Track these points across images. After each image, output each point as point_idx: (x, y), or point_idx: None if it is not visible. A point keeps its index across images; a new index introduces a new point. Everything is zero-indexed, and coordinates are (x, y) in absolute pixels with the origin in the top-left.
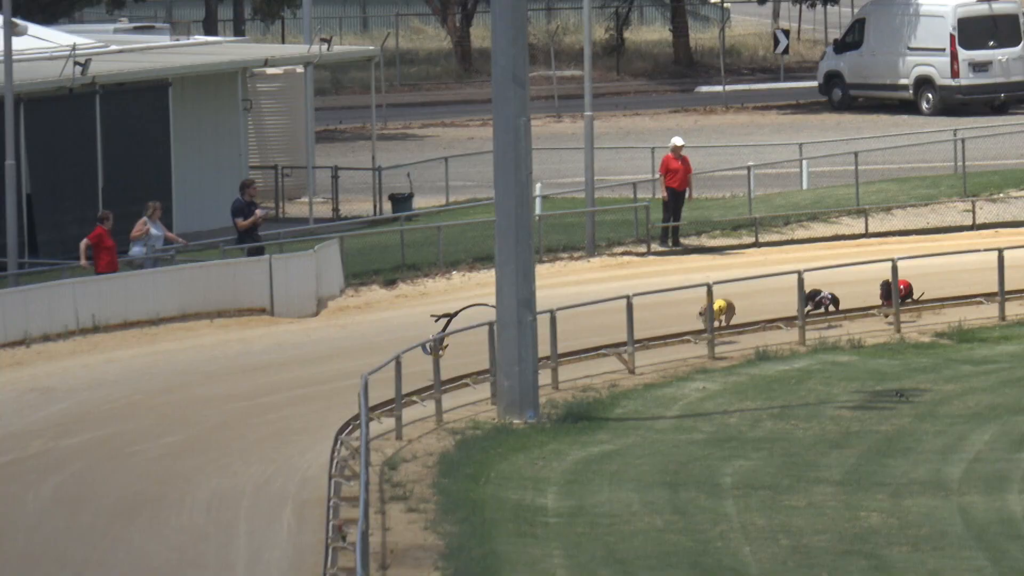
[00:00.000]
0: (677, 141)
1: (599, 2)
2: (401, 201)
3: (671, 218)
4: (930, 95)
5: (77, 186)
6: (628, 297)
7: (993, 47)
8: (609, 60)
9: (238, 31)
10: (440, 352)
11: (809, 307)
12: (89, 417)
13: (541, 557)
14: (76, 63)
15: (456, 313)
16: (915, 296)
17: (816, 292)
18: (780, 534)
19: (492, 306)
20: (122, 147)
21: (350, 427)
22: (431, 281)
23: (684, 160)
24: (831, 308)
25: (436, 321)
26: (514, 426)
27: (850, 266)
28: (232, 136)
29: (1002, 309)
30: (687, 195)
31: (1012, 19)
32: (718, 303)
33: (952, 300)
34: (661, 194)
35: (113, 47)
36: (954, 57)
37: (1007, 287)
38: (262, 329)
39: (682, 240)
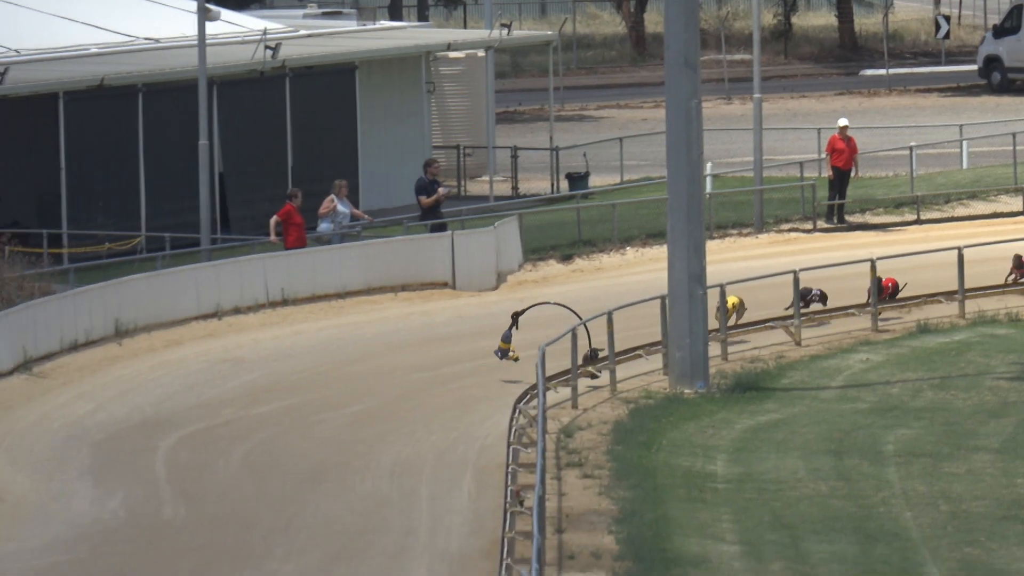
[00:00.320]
0: (843, 122)
1: None
2: (577, 180)
3: (836, 196)
4: None
5: (267, 165)
6: (795, 272)
7: None
8: (777, 45)
9: (422, 16)
10: (512, 355)
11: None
12: (278, 387)
13: (710, 521)
14: (267, 47)
15: (524, 311)
16: None
17: (807, 290)
18: (940, 500)
19: (563, 305)
20: (310, 128)
21: (527, 396)
22: (606, 256)
23: (849, 140)
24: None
25: (514, 319)
26: (685, 395)
27: (1009, 242)
28: (416, 117)
29: None
30: (852, 174)
31: None
32: (731, 300)
33: None
34: (827, 173)
35: (302, 32)
36: None
37: None
38: (444, 302)
39: (847, 217)
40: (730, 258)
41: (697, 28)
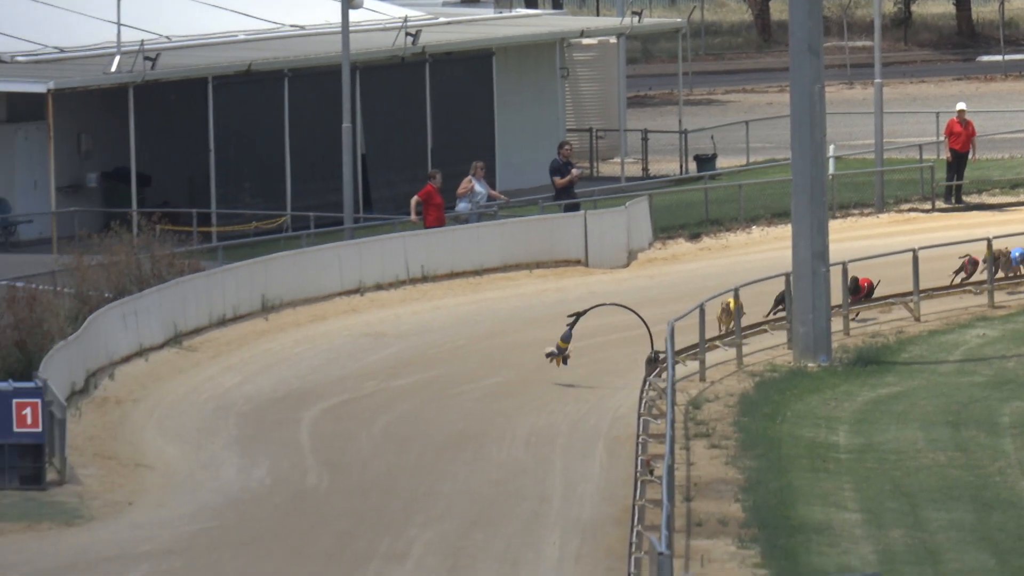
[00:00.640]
0: (961, 106)
1: None
2: (705, 161)
3: (954, 177)
4: None
5: (407, 147)
6: (914, 250)
7: None
8: (897, 32)
9: (556, 4)
10: (565, 357)
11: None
12: (418, 360)
13: (833, 490)
14: (408, 34)
15: (584, 312)
16: None
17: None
18: None
19: (624, 306)
20: (449, 111)
21: (656, 368)
22: (732, 235)
23: (967, 124)
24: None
25: (570, 321)
26: (808, 369)
27: None
28: (550, 101)
29: None
30: (970, 156)
31: None
32: (729, 301)
33: None
34: (945, 155)
35: (441, 19)
36: None
37: None
38: (577, 279)
39: (964, 198)
40: (851, 237)
41: (820, 16)
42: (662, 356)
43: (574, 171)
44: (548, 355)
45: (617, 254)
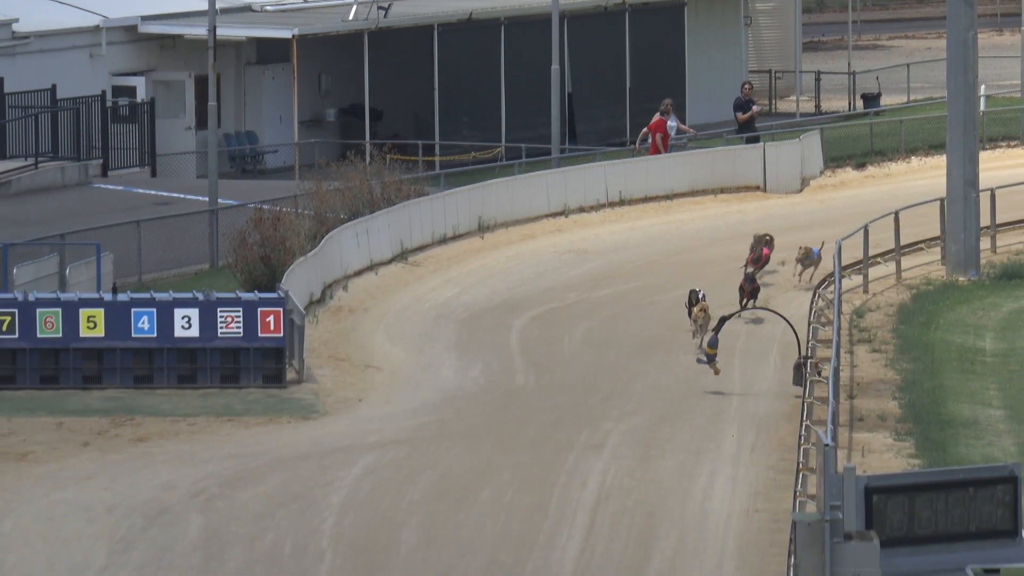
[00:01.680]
0: None
1: None
2: (871, 99)
3: None
4: None
5: (608, 86)
6: None
7: None
8: None
9: None
10: (715, 364)
11: None
12: (615, 274)
13: (979, 390)
14: None
15: (731, 316)
16: None
17: None
18: None
19: (772, 311)
20: (645, 55)
21: (826, 283)
22: (894, 164)
23: None
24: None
25: (720, 323)
26: (959, 283)
27: None
28: (735, 46)
29: None
30: None
31: None
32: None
33: None
34: None
35: None
36: None
37: None
38: (756, 203)
39: None
40: (1000, 166)
41: None
42: (811, 361)
43: (755, 107)
44: (699, 361)
45: (792, 181)
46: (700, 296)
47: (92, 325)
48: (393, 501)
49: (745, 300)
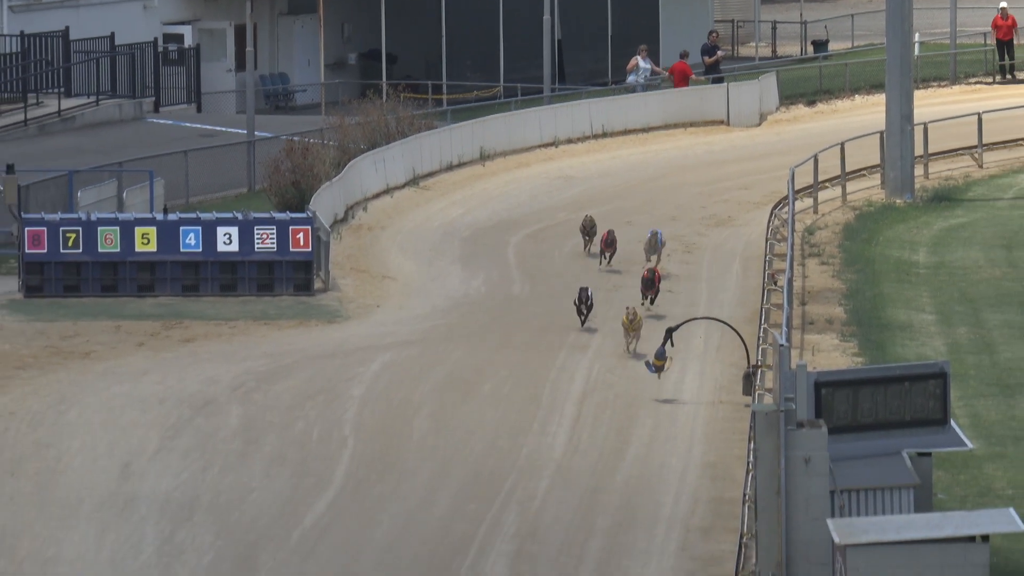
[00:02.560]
0: (1003, 4)
1: None
2: (820, 45)
3: (1005, 59)
4: None
5: (593, 34)
6: (979, 114)
7: None
8: None
9: None
10: (664, 367)
11: None
12: (598, 197)
13: (914, 297)
14: None
15: (678, 327)
16: None
17: None
18: None
19: (722, 321)
20: (624, 6)
21: (780, 204)
22: (840, 102)
23: (1008, 18)
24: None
25: (668, 335)
26: (896, 204)
27: None
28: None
29: None
30: (1015, 41)
31: None
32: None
33: None
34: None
35: None
36: None
37: None
38: (720, 135)
39: (1017, 74)
40: (931, 103)
41: None
42: (759, 370)
43: (719, 52)
44: (649, 368)
45: (751, 116)
46: (585, 290)
47: (146, 241)
48: (406, 394)
49: (647, 295)
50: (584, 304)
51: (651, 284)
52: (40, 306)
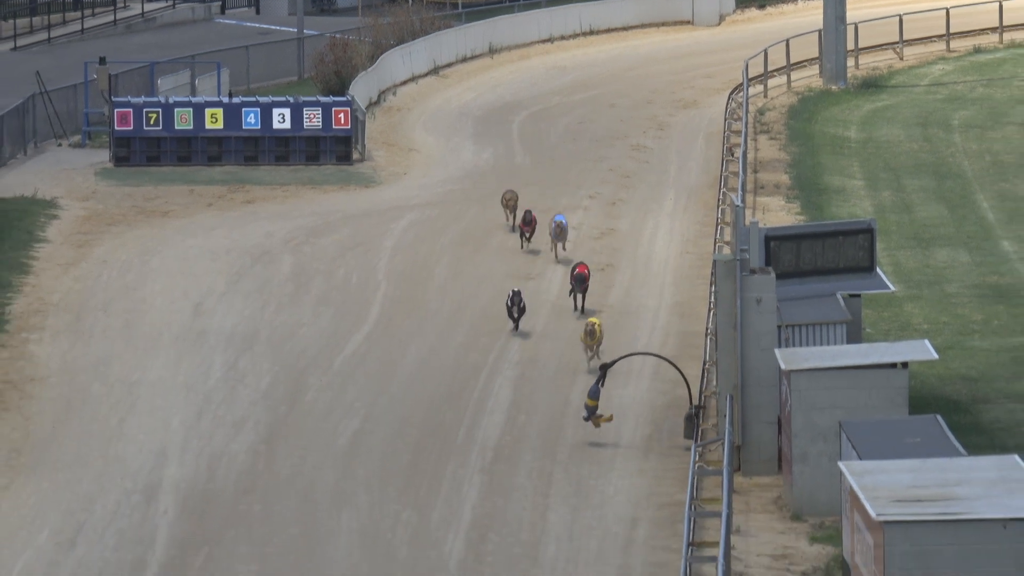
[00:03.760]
0: None
1: None
2: None
3: None
4: None
5: None
6: (900, 15)
7: None
8: None
9: None
10: (601, 416)
11: None
12: (587, 83)
13: (846, 166)
14: None
15: (613, 364)
16: None
17: None
18: (985, 154)
19: (658, 356)
20: None
21: (736, 90)
22: (787, 5)
23: None
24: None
25: (602, 372)
26: (832, 90)
27: None
28: None
29: None
30: None
31: None
32: (595, 321)
33: None
34: None
35: None
36: None
37: None
38: (686, 33)
39: None
40: (862, 6)
41: None
42: (701, 410)
43: None
44: (585, 419)
45: (712, 17)
46: (518, 293)
47: (214, 120)
48: (429, 246)
49: (572, 291)
50: (516, 307)
51: (583, 281)
52: (127, 174)
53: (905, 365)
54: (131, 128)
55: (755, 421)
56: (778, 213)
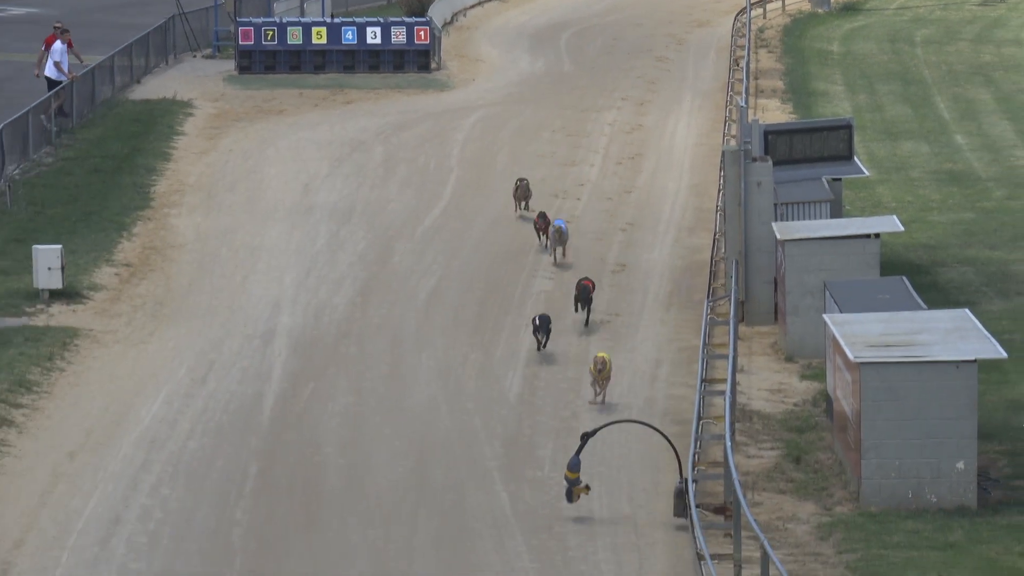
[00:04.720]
0: None
1: None
2: None
3: None
4: None
5: None
6: None
7: None
8: None
9: None
10: (581, 492)
11: None
12: (620, 7)
13: (830, 74)
14: None
15: (594, 433)
16: None
17: None
18: (942, 64)
19: (647, 424)
20: None
21: (741, 12)
22: None
23: None
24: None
25: (583, 440)
26: (818, 13)
27: None
28: None
29: None
30: None
31: None
32: (603, 355)
33: None
34: None
35: None
36: None
37: None
38: None
39: None
40: None
41: None
42: (693, 484)
43: None
44: (567, 491)
45: None
46: (544, 318)
47: (319, 36)
48: (492, 138)
49: (582, 307)
50: (541, 330)
51: (587, 294)
52: (248, 80)
53: (877, 236)
54: (252, 43)
55: (756, 281)
56: (774, 112)
